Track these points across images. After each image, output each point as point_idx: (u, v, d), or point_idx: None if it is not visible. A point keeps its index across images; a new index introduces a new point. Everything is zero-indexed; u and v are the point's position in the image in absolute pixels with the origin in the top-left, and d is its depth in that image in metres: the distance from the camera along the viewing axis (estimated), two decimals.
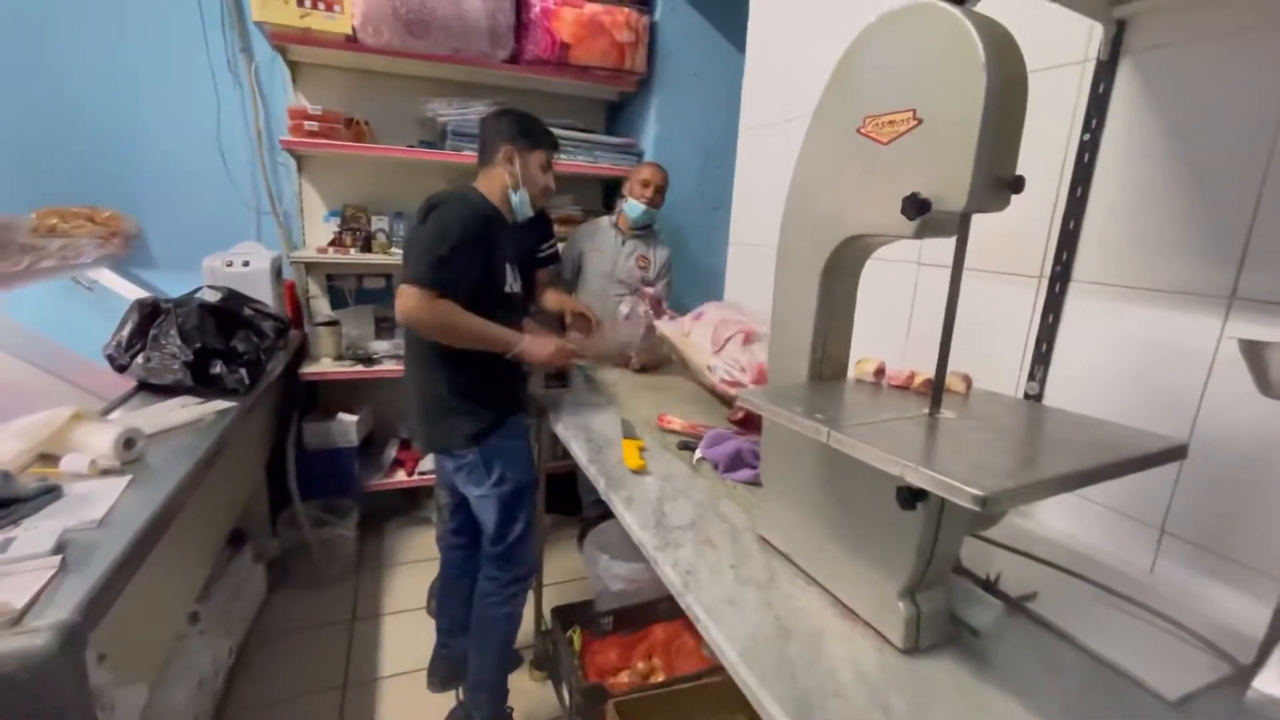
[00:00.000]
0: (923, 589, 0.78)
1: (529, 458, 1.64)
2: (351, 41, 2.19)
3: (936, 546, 0.76)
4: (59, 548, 0.99)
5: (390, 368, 2.47)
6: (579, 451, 1.41)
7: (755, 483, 1.19)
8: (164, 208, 2.41)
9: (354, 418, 2.45)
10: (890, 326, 1.40)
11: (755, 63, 1.98)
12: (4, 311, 1.77)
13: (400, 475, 2.59)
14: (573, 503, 2.71)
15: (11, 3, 2.15)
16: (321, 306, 2.67)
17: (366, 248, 2.50)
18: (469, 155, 2.42)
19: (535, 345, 1.51)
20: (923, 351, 1.35)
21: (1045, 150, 1.07)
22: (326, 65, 2.48)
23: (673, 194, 2.81)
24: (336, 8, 2.11)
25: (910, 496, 0.70)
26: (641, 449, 1.35)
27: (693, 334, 1.68)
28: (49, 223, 1.95)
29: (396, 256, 2.47)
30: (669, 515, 1.10)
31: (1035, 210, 1.09)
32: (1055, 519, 1.09)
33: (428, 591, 2.26)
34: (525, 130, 1.53)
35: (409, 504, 2.83)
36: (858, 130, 0.79)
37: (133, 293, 2.21)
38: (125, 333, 1.71)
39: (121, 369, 1.70)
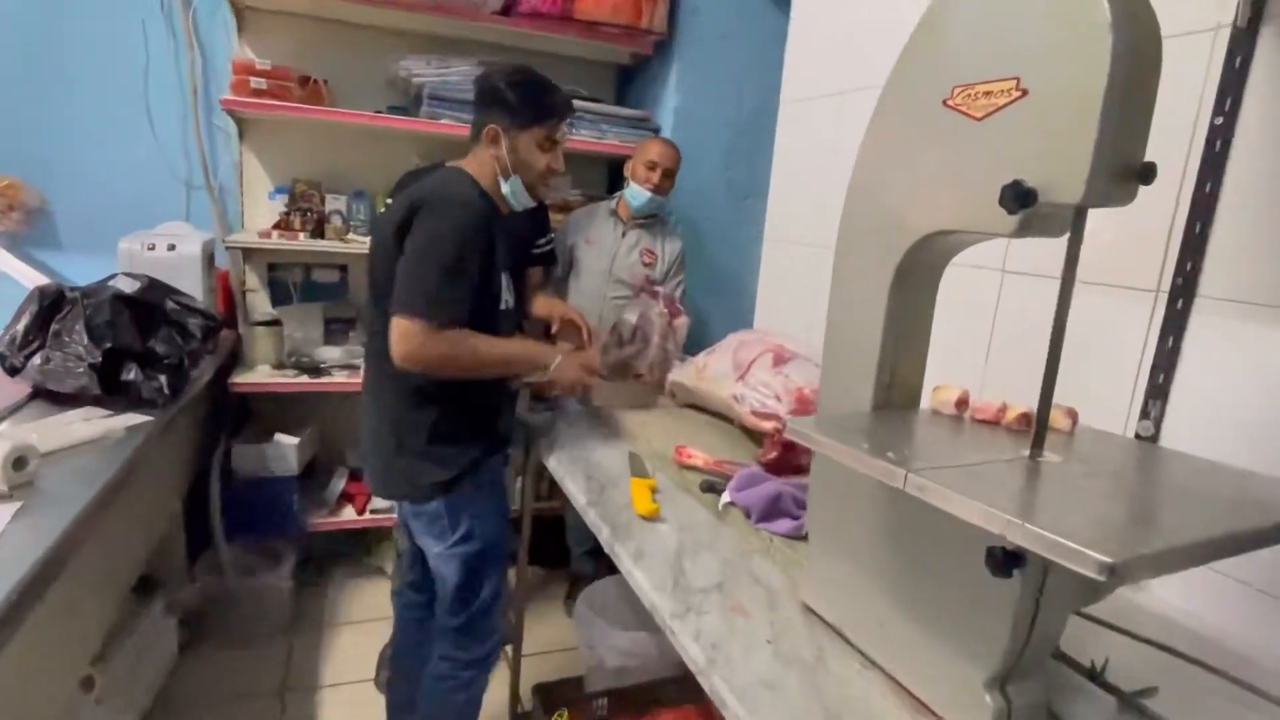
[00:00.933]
0: (1015, 678, 0.76)
1: (504, 509, 1.61)
2: None
3: (1036, 625, 0.73)
4: None
5: (342, 380, 2.46)
6: (576, 491, 1.39)
7: (798, 536, 1.17)
8: (75, 177, 2.41)
9: (294, 440, 2.43)
10: (967, 347, 1.38)
11: (803, 23, 1.99)
12: None
13: (349, 513, 2.57)
14: (560, 553, 2.67)
15: None
16: (260, 302, 2.66)
17: (318, 233, 2.50)
18: (448, 125, 2.43)
19: (568, 365, 1.49)
20: (1005, 378, 1.33)
21: (1166, 136, 1.06)
22: (280, 11, 2.50)
23: (693, 178, 2.82)
24: None
25: (1006, 560, 0.67)
26: (654, 490, 1.34)
27: (709, 366, 1.67)
28: None
29: (354, 244, 2.47)
30: (689, 574, 1.08)
31: (1152, 208, 1.08)
32: (1174, 593, 1.06)
33: (377, 659, 2.22)
34: (515, 100, 1.45)
35: (358, 549, 2.80)
36: (944, 103, 0.78)
37: (32, 278, 2.20)
38: (20, 327, 1.70)
39: (14, 371, 1.68)
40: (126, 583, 1.76)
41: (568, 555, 2.65)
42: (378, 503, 2.58)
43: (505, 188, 1.49)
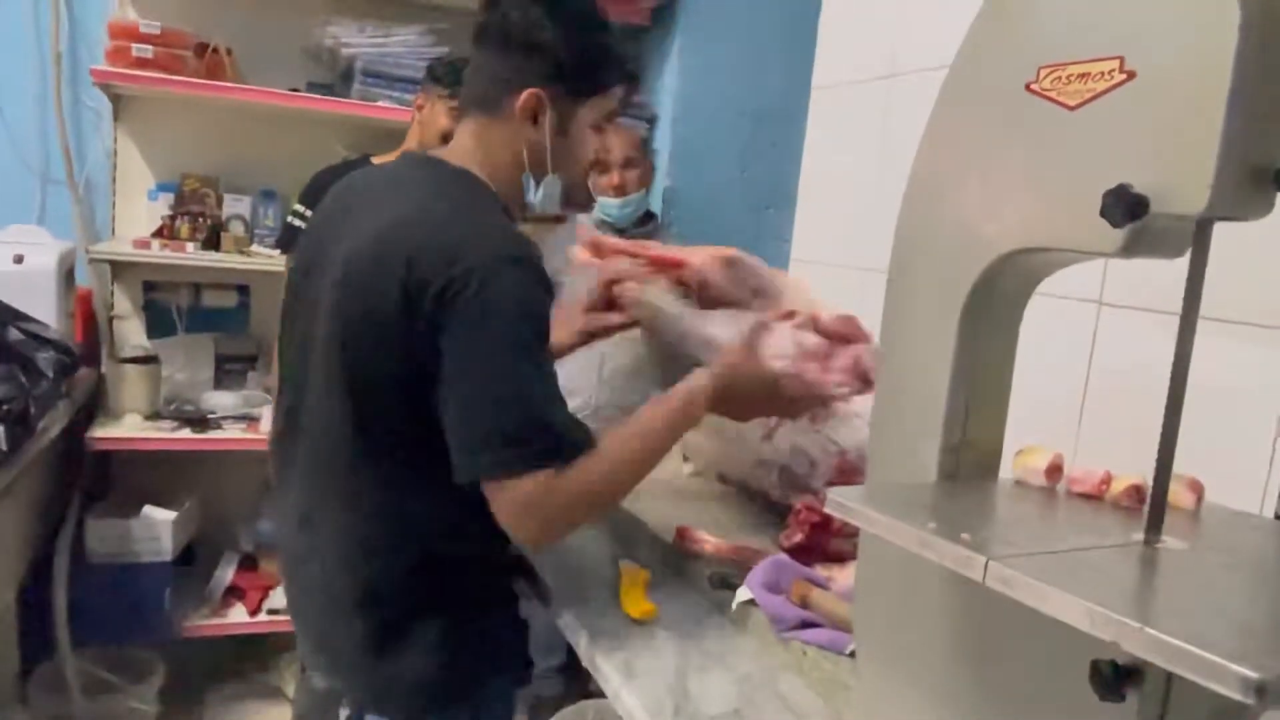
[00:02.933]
0: None
1: (515, 709, 1.43)
2: None
3: None
4: None
5: (236, 435, 2.47)
6: (546, 585, 1.37)
7: (842, 651, 1.16)
8: None
9: (170, 515, 2.43)
10: (1055, 399, 1.39)
11: None
12: None
13: (238, 613, 2.56)
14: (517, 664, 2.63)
15: None
16: (133, 333, 2.67)
17: (213, 243, 2.52)
18: (386, 108, 2.46)
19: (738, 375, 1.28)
20: (1105, 440, 1.34)
21: None
22: None
23: (700, 182, 2.87)
24: None
25: (1117, 678, 0.67)
26: (648, 583, 1.32)
27: (724, 420, 1.55)
28: None
29: (259, 259, 2.49)
30: (696, 697, 1.06)
31: None
32: None
33: None
34: (574, 49, 1.19)
35: (248, 662, 2.76)
36: (1028, 87, 0.80)
37: None
38: None
39: None
40: None
41: (528, 666, 2.61)
42: (276, 599, 2.55)
43: (536, 194, 1.26)
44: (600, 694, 1.24)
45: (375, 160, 2.23)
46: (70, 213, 2.59)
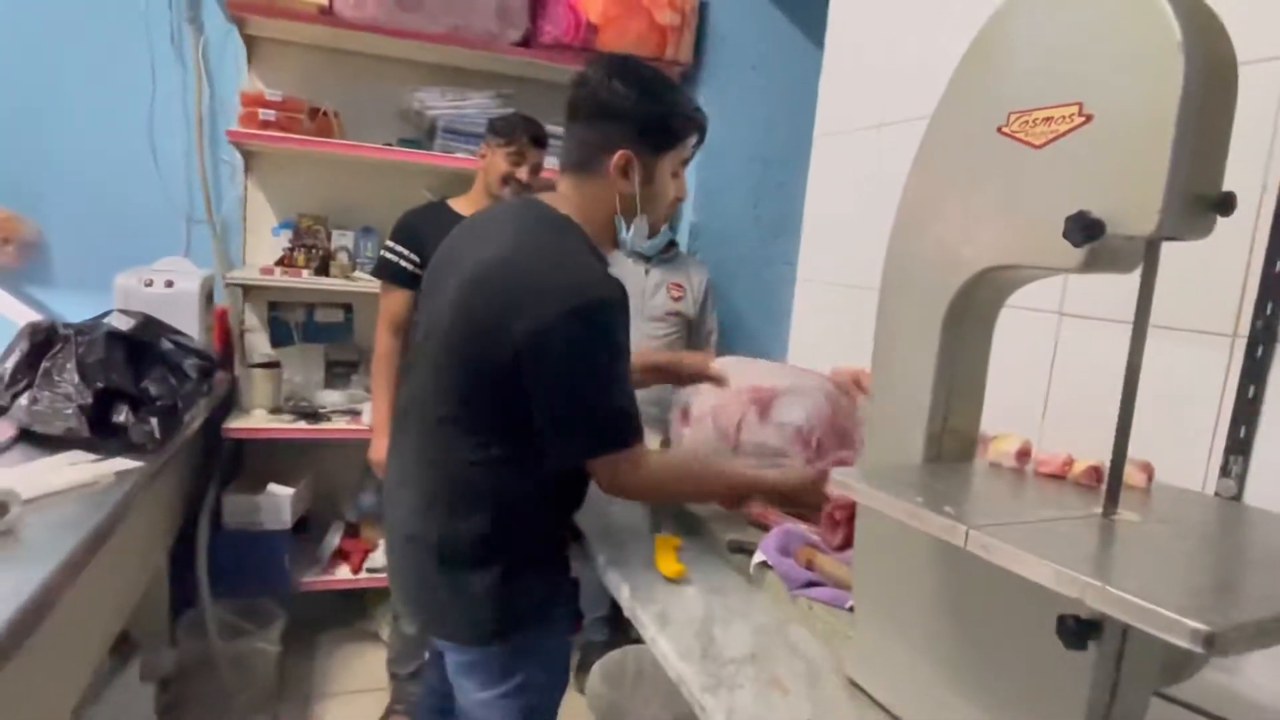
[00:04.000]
0: None
1: (568, 653, 1.42)
2: (326, 14, 2.29)
3: (1114, 705, 0.70)
4: None
5: (341, 426, 2.47)
6: (592, 548, 1.37)
7: (843, 606, 1.14)
8: (73, 210, 2.48)
9: (289, 491, 2.43)
10: (1021, 397, 1.36)
11: (838, 52, 2.02)
12: None
13: (343, 572, 2.56)
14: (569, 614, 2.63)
15: None
16: (259, 343, 2.70)
17: (323, 270, 2.54)
18: (462, 159, 2.49)
19: (795, 481, 1.30)
20: (1065, 432, 1.31)
21: (1240, 168, 1.06)
22: (291, 42, 2.59)
23: (720, 216, 2.86)
24: None
25: (1080, 630, 0.65)
26: (678, 548, 1.31)
27: (693, 442, 1.51)
28: None
29: (359, 282, 2.51)
30: (720, 643, 1.05)
31: (1226, 244, 1.06)
32: (1269, 675, 1.01)
33: None
34: (652, 113, 1.19)
35: (351, 612, 2.77)
36: (999, 130, 0.78)
37: (24, 315, 2.24)
38: (9, 365, 1.73)
39: (1, 410, 1.70)
40: (104, 643, 1.75)
41: (578, 618, 2.61)
42: (374, 560, 2.56)
43: (627, 233, 1.26)
44: (640, 640, 1.23)
45: (450, 202, 2.25)
46: (210, 246, 2.62)
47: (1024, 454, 0.88)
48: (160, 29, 2.49)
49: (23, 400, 1.69)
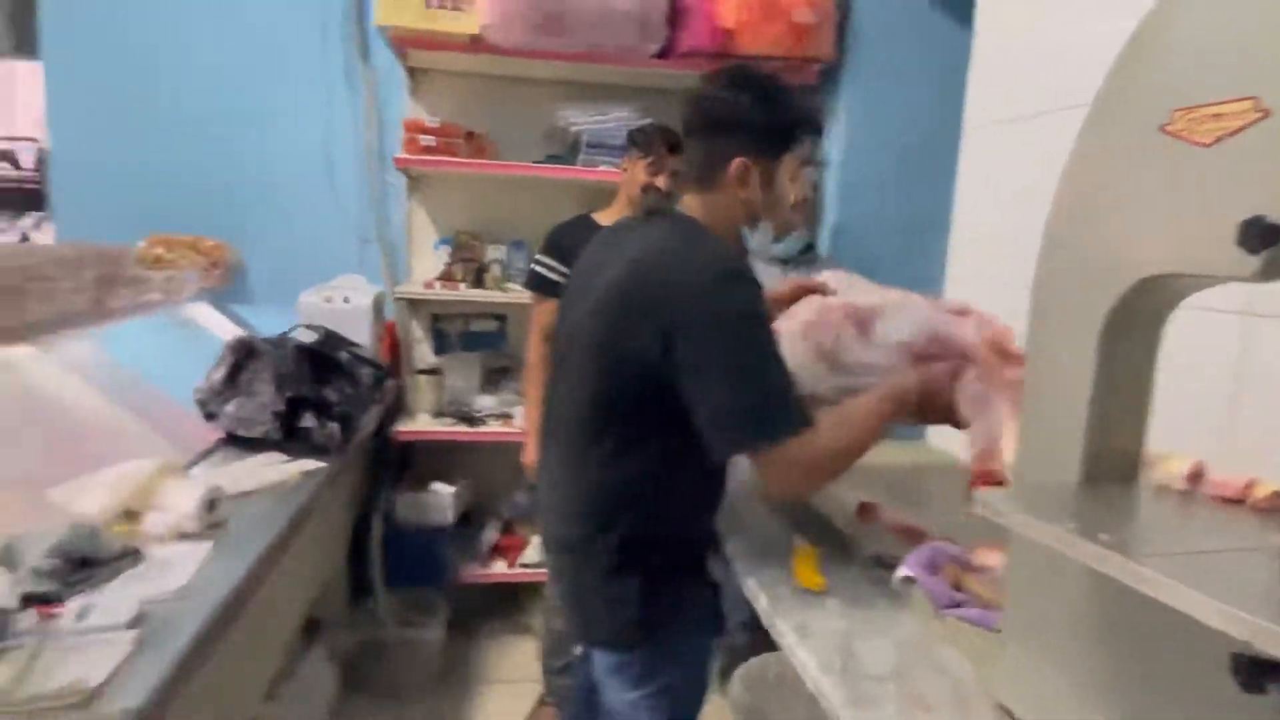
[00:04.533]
0: None
1: (710, 657, 1.41)
2: (477, 43, 2.45)
3: None
4: (136, 620, 1.13)
5: (496, 429, 2.62)
6: (731, 553, 1.38)
7: (993, 628, 1.09)
8: (265, 236, 2.79)
9: (451, 489, 2.61)
10: (1201, 409, 1.25)
11: (990, 39, 1.93)
12: (102, 348, 2.12)
13: (499, 567, 2.70)
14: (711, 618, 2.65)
15: (124, 28, 2.65)
16: (423, 352, 2.91)
17: (478, 282, 2.71)
18: (604, 171, 2.57)
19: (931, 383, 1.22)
20: (1249, 448, 1.18)
21: None
22: (448, 71, 2.78)
23: (861, 212, 2.79)
24: (466, 6, 2.38)
25: (1256, 671, 0.60)
26: (817, 560, 1.30)
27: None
28: (155, 253, 2.33)
29: (511, 293, 2.66)
30: (861, 657, 1.04)
31: None
32: None
33: None
34: (767, 120, 1.21)
35: (508, 605, 2.92)
36: (1162, 129, 0.73)
37: (230, 331, 2.55)
38: (218, 376, 1.98)
39: (211, 416, 1.95)
40: (295, 624, 1.96)
41: (722, 620, 2.62)
42: (528, 557, 2.70)
43: (753, 239, 1.29)
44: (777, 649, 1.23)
45: (595, 214, 2.33)
46: (379, 263, 2.86)
47: (1196, 475, 0.82)
48: (335, 68, 2.75)
49: (229, 408, 1.92)
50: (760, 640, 2.44)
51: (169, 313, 2.43)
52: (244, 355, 1.98)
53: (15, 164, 3.35)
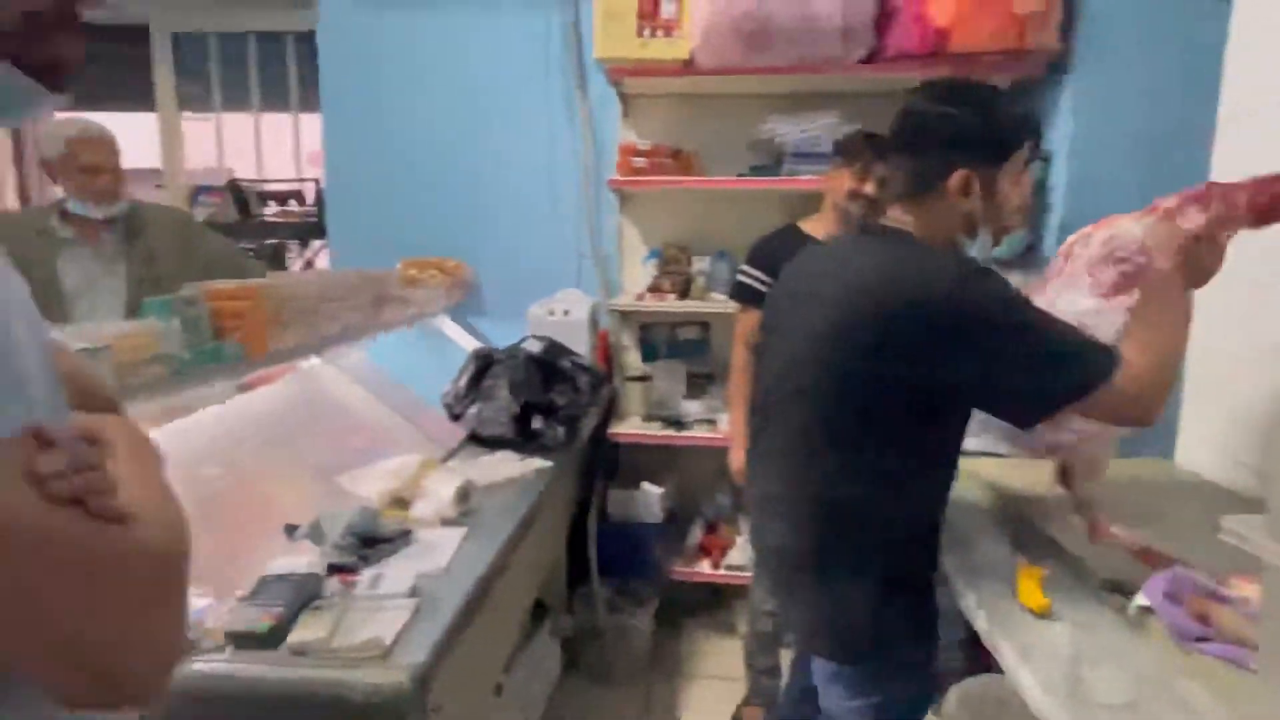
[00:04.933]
0: None
1: (932, 675, 1.40)
2: (687, 66, 2.56)
3: None
4: (413, 591, 1.34)
5: (700, 434, 2.73)
6: (949, 569, 1.37)
7: (1248, 667, 1.01)
8: (495, 255, 3.10)
9: (659, 490, 2.76)
10: None
11: (1253, 10, 1.73)
12: (371, 358, 2.48)
13: (704, 566, 2.80)
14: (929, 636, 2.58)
15: (383, 85, 3.06)
16: (632, 359, 3.09)
17: (684, 293, 2.83)
18: (809, 180, 2.59)
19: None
20: None
21: None
22: (657, 94, 2.93)
23: (1100, 212, 2.57)
24: (676, 31, 2.51)
25: None
26: (1043, 580, 1.26)
27: (1059, 300, 1.34)
28: (409, 274, 2.68)
29: (715, 303, 2.76)
30: (1090, 684, 1.00)
31: None
32: None
33: None
34: (987, 128, 1.21)
35: (712, 603, 3.02)
36: None
37: (468, 342, 2.87)
38: (462, 383, 2.25)
39: (455, 418, 2.23)
40: (528, 605, 2.18)
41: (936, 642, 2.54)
42: (733, 558, 2.78)
43: (974, 248, 1.28)
44: (998, 670, 1.21)
45: (801, 223, 2.36)
46: (594, 278, 3.07)
47: None
48: (556, 100, 3.00)
49: (471, 410, 2.18)
50: (976, 661, 2.36)
51: (420, 326, 2.78)
52: (484, 364, 2.24)
53: (301, 200, 3.98)
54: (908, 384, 1.15)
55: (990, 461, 1.80)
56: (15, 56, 0.54)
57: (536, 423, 2.14)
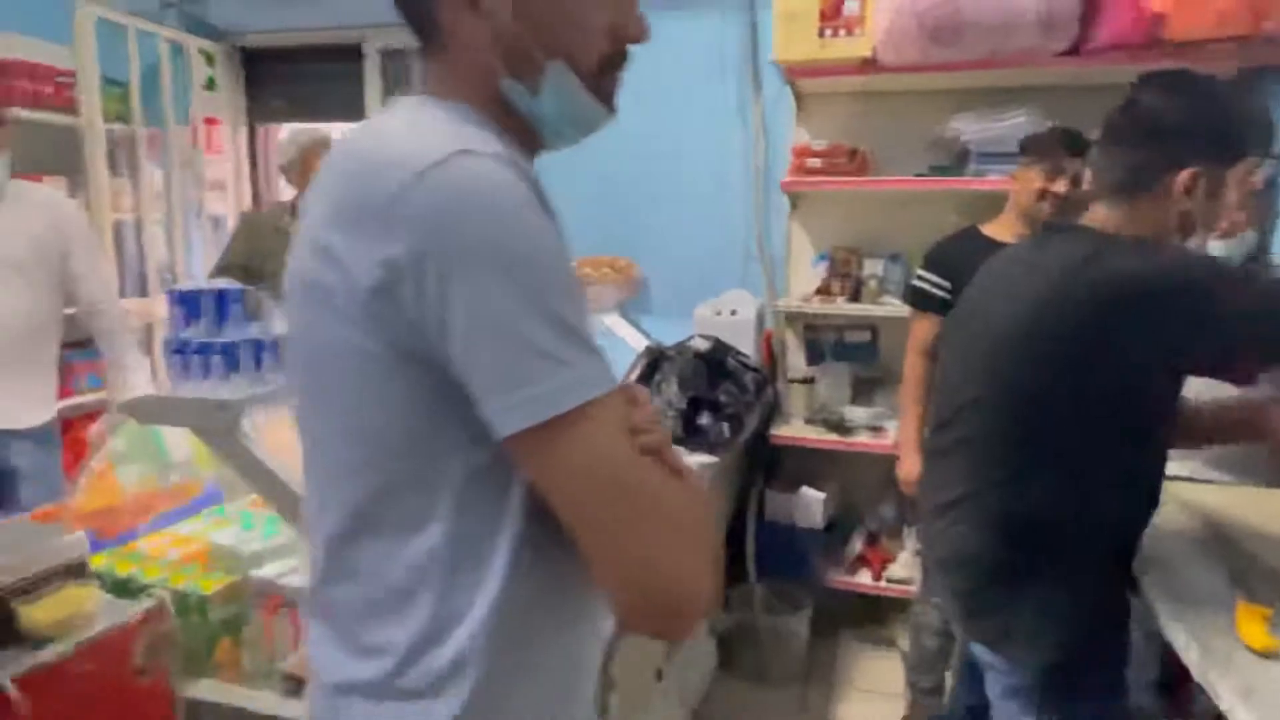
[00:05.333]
0: None
1: (1119, 710, 1.34)
2: (870, 64, 2.51)
3: None
4: None
5: (865, 440, 2.66)
6: (1152, 601, 1.26)
7: None
8: (663, 254, 3.16)
9: (820, 495, 2.71)
10: None
11: None
12: None
13: (864, 577, 2.73)
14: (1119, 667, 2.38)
15: None
16: (796, 361, 3.05)
17: (854, 296, 2.77)
18: (994, 180, 2.46)
19: None
20: None
21: None
22: (834, 93, 2.88)
23: None
24: (857, 30, 2.46)
25: None
26: (1269, 619, 1.13)
27: None
28: (584, 272, 2.80)
29: (887, 306, 2.68)
30: None
31: None
32: None
33: None
34: (1224, 127, 1.15)
35: (871, 615, 2.93)
36: None
37: (636, 339, 2.95)
38: (633, 377, 2.32)
39: None
40: None
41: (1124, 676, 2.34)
42: (895, 571, 2.69)
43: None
44: (1197, 715, 1.11)
45: (983, 226, 2.25)
46: (760, 279, 3.06)
47: None
48: (730, 101, 3.02)
49: None
50: (1171, 705, 2.15)
51: (593, 322, 2.90)
52: (655, 360, 2.30)
53: None
54: (1114, 389, 1.12)
55: (1210, 489, 1.64)
56: (596, 88, 0.72)
57: (703, 419, 2.18)
